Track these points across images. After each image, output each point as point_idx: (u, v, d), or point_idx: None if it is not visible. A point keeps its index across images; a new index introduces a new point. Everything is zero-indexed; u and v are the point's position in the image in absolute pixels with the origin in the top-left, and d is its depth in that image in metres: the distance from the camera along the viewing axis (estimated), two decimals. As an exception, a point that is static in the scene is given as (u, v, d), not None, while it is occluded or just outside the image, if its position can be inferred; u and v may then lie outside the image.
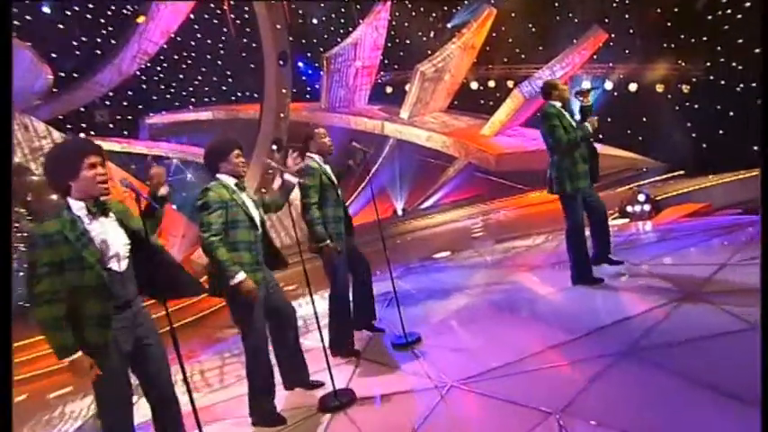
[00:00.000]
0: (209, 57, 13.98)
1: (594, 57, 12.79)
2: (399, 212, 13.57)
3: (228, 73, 14.52)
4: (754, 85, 10.42)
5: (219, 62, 14.33)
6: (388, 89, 15.15)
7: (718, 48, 11.17)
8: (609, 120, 12.18)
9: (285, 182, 2.89)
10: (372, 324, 3.68)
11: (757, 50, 10.06)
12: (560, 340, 2.99)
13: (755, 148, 10.53)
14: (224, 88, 14.44)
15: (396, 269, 6.59)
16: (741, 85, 10.76)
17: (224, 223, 2.44)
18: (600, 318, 3.15)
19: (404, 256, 7.44)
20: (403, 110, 14.24)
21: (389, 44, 14.30)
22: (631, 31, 12.33)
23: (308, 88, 15.31)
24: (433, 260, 6.91)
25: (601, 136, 13.08)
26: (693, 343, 2.75)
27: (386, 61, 14.90)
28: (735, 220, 5.18)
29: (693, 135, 11.77)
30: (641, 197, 6.43)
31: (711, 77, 11.53)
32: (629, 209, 6.45)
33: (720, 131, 11.23)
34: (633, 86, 12.91)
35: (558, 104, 3.66)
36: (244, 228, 2.46)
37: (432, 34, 14.57)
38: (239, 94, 14.75)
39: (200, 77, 14.05)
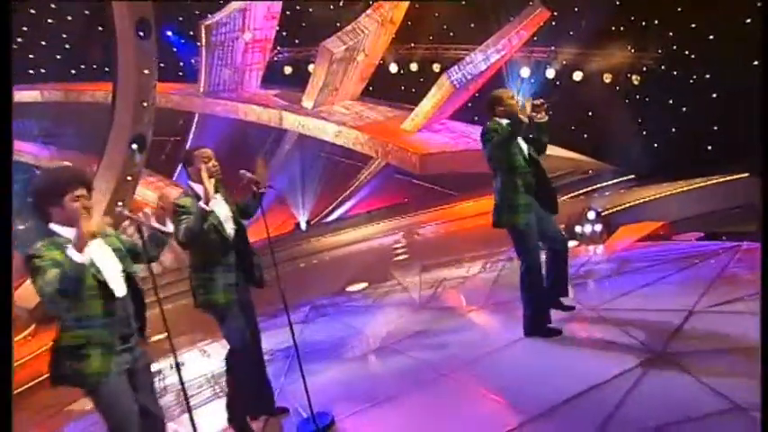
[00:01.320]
0: (32, 11, 12.51)
1: (535, 38, 13.16)
2: (303, 226, 13.48)
3: (65, 36, 13.30)
4: (708, 76, 11.12)
5: (51, 20, 12.99)
6: (287, 69, 15.04)
7: (670, 33, 11.80)
8: (550, 114, 12.74)
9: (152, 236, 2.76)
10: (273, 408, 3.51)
11: (711, 37, 10.77)
12: (511, 425, 2.91)
13: (709, 147, 11.39)
14: (58, 57, 13.16)
15: (298, 309, 6.55)
16: (694, 77, 11.40)
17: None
18: (556, 388, 3.12)
19: (310, 288, 7.46)
20: (306, 97, 14.12)
21: (288, 12, 14.44)
22: (576, 9, 12.76)
23: (182, 64, 14.70)
24: (346, 295, 6.93)
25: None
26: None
27: (283, 33, 14.69)
28: (697, 249, 5.37)
29: (644, 133, 12.36)
30: (591, 215, 6.72)
31: (663, 67, 12.11)
32: (577, 229, 6.71)
33: (673, 129, 11.86)
34: (578, 75, 13.39)
35: (505, 122, 3.64)
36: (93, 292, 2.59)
37: (341, 3, 14.63)
38: (83, 66, 13.66)
39: (19, 39, 12.35)
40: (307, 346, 5.02)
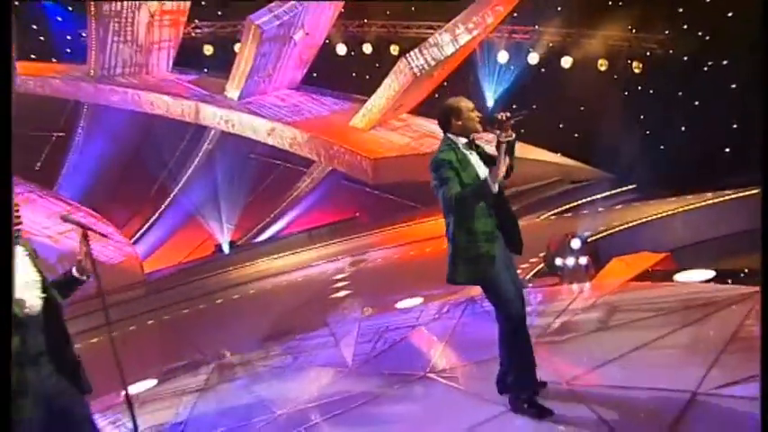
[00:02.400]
0: None
1: (514, 15, 13.19)
2: (226, 249, 13.34)
3: None
4: (725, 63, 11.03)
5: None
6: (207, 49, 14.94)
7: (680, 9, 11.72)
8: (533, 107, 12.57)
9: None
10: None
11: (730, 14, 10.60)
12: None
13: (727, 150, 11.25)
14: None
15: (198, 370, 6.44)
16: (709, 63, 11.34)
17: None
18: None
19: (222, 336, 7.54)
20: (230, 85, 13.98)
21: (206, -23, 14.48)
22: (566, -20, 12.78)
23: (69, 38, 14.39)
24: (263, 350, 6.74)
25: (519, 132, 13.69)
26: None
27: (202, 2, 14.60)
28: (706, 294, 5.08)
29: (647, 132, 12.36)
30: (575, 243, 6.65)
31: (671, 51, 12.03)
32: (558, 262, 6.67)
33: (683, 128, 11.64)
34: (567, 61, 13.45)
35: (462, 141, 3.54)
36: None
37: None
38: None
39: None
40: (197, 423, 4.87)
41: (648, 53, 12.65)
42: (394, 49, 14.52)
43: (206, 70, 14.96)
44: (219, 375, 6.26)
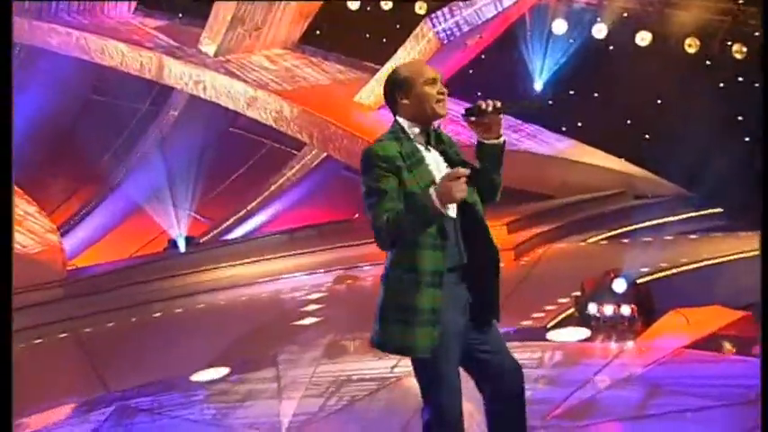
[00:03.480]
0: None
1: None
2: (181, 246, 13.17)
3: None
4: None
5: None
6: None
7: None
8: (595, 96, 12.50)
9: None
10: None
11: None
12: None
13: None
14: None
15: (100, 407, 6.39)
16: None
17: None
18: None
19: (147, 363, 7.63)
20: (207, 36, 13.82)
21: None
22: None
23: None
24: (182, 390, 6.66)
25: (567, 127, 14.07)
26: None
27: None
28: None
29: (746, 140, 12.17)
30: (619, 285, 6.43)
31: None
32: (591, 309, 6.45)
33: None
34: (643, 38, 13.09)
35: (416, 129, 3.24)
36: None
37: None
38: None
39: None
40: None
41: (756, 33, 12.39)
42: (420, 7, 14.35)
43: (180, 16, 14.94)
44: (116, 423, 6.08)
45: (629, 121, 12.88)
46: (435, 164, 3.18)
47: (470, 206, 3.21)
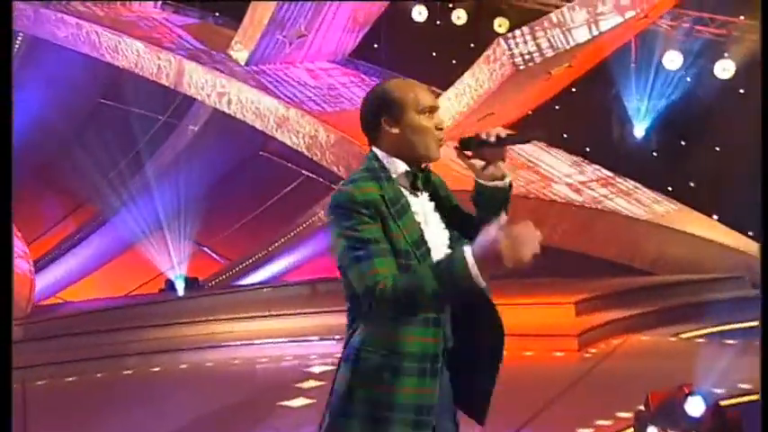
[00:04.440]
0: None
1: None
2: (179, 289, 12.83)
3: None
4: None
5: None
6: None
7: None
8: (715, 149, 11.96)
9: None
10: None
11: None
12: None
13: None
14: None
15: None
16: None
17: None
18: None
19: None
20: (239, 40, 13.61)
21: None
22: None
23: None
24: None
25: (673, 186, 13.59)
26: None
27: None
28: None
29: None
30: (694, 406, 5.87)
31: None
32: None
33: None
34: None
35: (401, 167, 3.02)
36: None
37: None
38: None
39: None
40: None
41: None
42: (500, 24, 13.67)
43: (216, 14, 14.59)
44: None
45: (757, 187, 11.46)
46: (423, 213, 3.00)
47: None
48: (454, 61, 13.70)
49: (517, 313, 10.41)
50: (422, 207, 2.97)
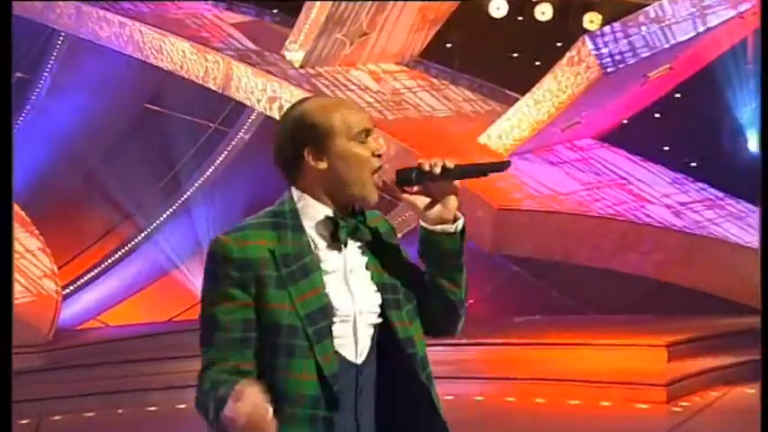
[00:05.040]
0: None
1: None
2: None
3: None
4: None
5: None
6: None
7: None
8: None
9: None
10: None
11: None
12: None
13: None
14: None
15: None
16: None
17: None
18: None
19: None
20: (293, 39, 13.38)
21: None
22: None
23: None
24: None
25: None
26: None
27: None
28: None
29: None
30: None
31: None
32: None
33: None
34: None
35: (324, 211, 2.75)
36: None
37: None
38: None
39: None
40: None
41: None
42: (591, 21, 13.31)
43: (274, 11, 14.42)
44: None
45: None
46: (344, 274, 2.56)
47: (397, 347, 2.58)
48: (538, 63, 13.47)
49: (596, 355, 10.26)
50: (343, 265, 2.57)
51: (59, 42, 14.02)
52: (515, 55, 14.24)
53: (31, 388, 9.94)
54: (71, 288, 13.97)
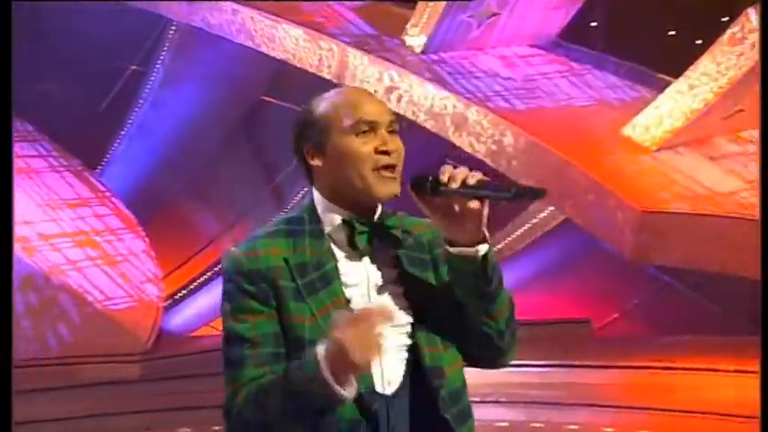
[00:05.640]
0: None
1: None
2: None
3: None
4: None
5: None
6: None
7: None
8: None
9: None
10: None
11: None
12: None
13: None
14: None
15: None
16: None
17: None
18: None
19: None
20: (413, 23, 13.10)
21: None
22: None
23: None
24: None
25: None
26: None
27: None
28: None
29: None
30: None
31: None
32: None
33: None
34: None
35: (337, 217, 2.73)
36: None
37: None
38: None
39: None
40: None
41: None
42: None
43: None
44: None
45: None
46: (366, 285, 2.52)
47: (422, 377, 2.49)
48: (699, 41, 12.91)
49: (692, 382, 9.84)
50: (366, 277, 2.50)
51: (171, 32, 14.24)
52: (672, 33, 13.87)
53: (126, 400, 10.14)
54: (184, 292, 14.18)
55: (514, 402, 10.00)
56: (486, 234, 2.36)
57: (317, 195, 2.54)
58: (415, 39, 12.58)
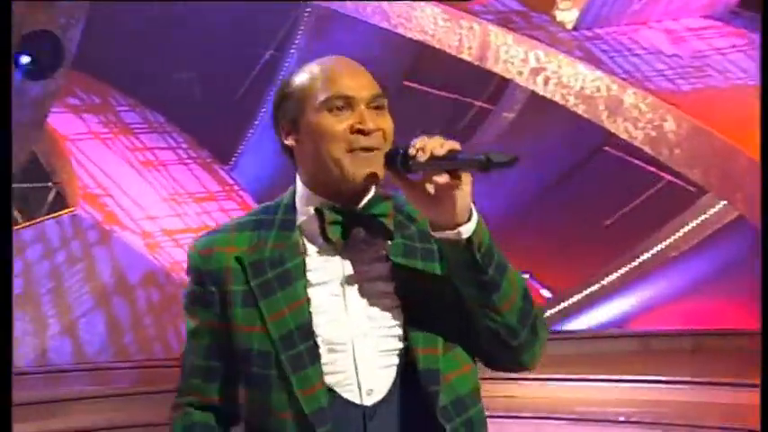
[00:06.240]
0: None
1: None
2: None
3: None
4: None
5: None
6: None
7: None
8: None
9: None
10: None
11: None
12: None
13: None
14: None
15: None
16: None
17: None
18: None
19: None
20: None
21: None
22: None
23: None
24: None
25: None
26: None
27: None
28: None
29: None
30: None
31: None
32: None
33: None
34: None
35: (310, 206, 2.73)
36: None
37: None
38: None
39: None
40: None
41: None
42: None
43: None
44: None
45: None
46: (340, 282, 2.44)
47: (416, 382, 2.41)
48: None
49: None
50: (341, 272, 2.43)
51: (306, 15, 14.50)
52: None
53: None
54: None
55: (671, 426, 9.20)
56: (474, 213, 2.17)
57: (297, 180, 2.46)
58: (567, 13, 12.38)
